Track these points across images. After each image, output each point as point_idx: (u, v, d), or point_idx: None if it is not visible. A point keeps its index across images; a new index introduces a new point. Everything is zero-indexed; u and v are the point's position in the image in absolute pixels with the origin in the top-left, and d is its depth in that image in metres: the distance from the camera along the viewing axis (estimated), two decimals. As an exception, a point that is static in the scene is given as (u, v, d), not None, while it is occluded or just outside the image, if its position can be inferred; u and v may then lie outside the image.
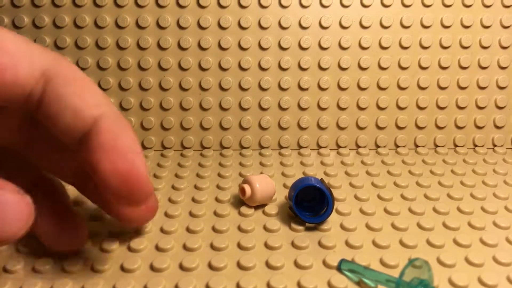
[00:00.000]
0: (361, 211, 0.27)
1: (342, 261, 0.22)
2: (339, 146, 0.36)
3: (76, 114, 0.17)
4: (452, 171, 0.32)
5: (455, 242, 0.24)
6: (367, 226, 0.25)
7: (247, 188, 0.26)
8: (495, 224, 0.26)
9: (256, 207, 0.27)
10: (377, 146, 0.36)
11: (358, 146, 0.36)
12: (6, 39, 0.16)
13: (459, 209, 0.27)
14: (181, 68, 0.35)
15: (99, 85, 0.35)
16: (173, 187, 0.30)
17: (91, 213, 0.26)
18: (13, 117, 0.19)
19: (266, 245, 0.24)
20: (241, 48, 0.35)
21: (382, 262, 0.22)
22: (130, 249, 0.23)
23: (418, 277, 0.19)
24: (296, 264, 0.22)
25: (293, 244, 0.24)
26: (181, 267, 0.22)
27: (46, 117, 0.17)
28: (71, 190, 0.23)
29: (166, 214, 0.26)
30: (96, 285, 0.21)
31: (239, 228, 0.25)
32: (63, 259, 0.22)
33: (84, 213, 0.26)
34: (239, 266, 0.22)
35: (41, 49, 0.17)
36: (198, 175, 0.32)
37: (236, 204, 0.27)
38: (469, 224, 0.26)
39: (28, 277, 0.21)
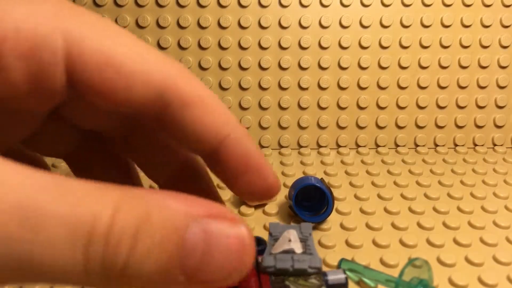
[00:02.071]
0: (361, 210, 0.27)
1: (342, 260, 0.22)
2: (339, 146, 0.36)
3: (200, 139, 0.15)
4: (452, 171, 0.32)
5: (455, 241, 0.24)
6: (367, 226, 0.25)
7: (247, 187, 0.26)
8: (495, 223, 0.26)
9: (256, 207, 0.27)
10: (377, 146, 0.36)
11: (358, 146, 0.36)
12: (123, 52, 0.14)
13: (459, 209, 0.27)
14: (181, 67, 0.35)
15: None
16: (173, 187, 0.30)
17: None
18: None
19: (266, 245, 0.24)
20: (241, 48, 0.35)
21: (382, 262, 0.22)
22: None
23: (418, 276, 0.19)
24: (296, 263, 0.22)
25: (293, 244, 0.24)
26: (181, 266, 0.22)
27: (168, 136, 0.16)
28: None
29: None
30: (96, 285, 0.21)
31: (239, 228, 0.25)
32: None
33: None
34: (239, 265, 0.22)
35: (162, 59, 0.15)
36: (198, 175, 0.31)
37: (236, 203, 0.27)
38: (469, 224, 0.26)
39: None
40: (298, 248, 0.20)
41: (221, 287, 0.12)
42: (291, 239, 0.20)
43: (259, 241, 0.22)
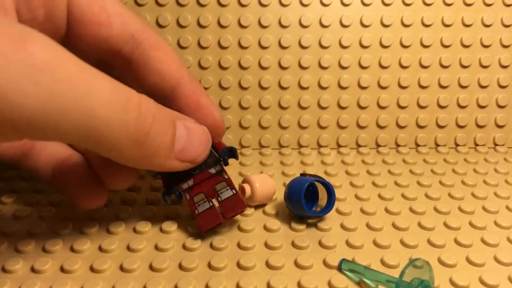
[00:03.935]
0: (362, 210, 0.27)
1: (343, 261, 0.22)
2: (339, 145, 0.36)
3: (162, 77, 0.21)
4: (453, 171, 0.32)
5: (456, 241, 0.24)
6: (368, 226, 0.25)
7: (247, 187, 0.26)
8: (496, 223, 0.26)
9: (256, 207, 0.27)
10: (378, 145, 0.36)
11: (358, 145, 0.36)
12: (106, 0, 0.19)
13: (460, 209, 0.27)
14: (181, 67, 0.35)
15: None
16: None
17: (91, 213, 0.26)
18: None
19: (266, 245, 0.24)
20: (241, 47, 0.35)
21: (382, 262, 0.22)
22: (129, 249, 0.23)
23: (419, 277, 0.19)
24: (297, 264, 0.22)
25: (293, 244, 0.24)
26: (181, 267, 0.22)
27: (134, 75, 0.21)
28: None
29: (165, 215, 0.26)
30: (95, 285, 0.20)
31: (239, 228, 0.25)
32: (63, 259, 0.22)
33: (84, 213, 0.26)
34: (239, 266, 0.22)
35: (133, 14, 0.20)
36: (198, 175, 0.31)
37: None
38: (470, 224, 0.26)
39: (27, 277, 0.21)
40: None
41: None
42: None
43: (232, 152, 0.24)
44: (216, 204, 0.24)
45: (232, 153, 0.23)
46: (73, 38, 0.19)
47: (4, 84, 0.13)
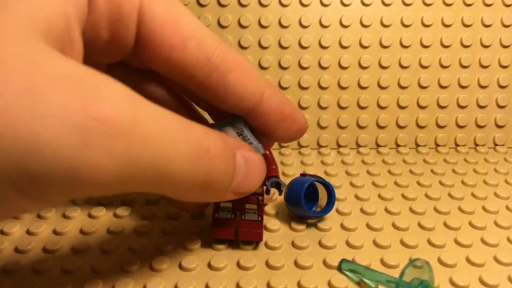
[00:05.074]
0: (362, 210, 0.27)
1: (343, 261, 0.22)
2: (339, 145, 0.36)
3: (242, 99, 0.20)
4: (453, 171, 0.32)
5: (456, 242, 0.24)
6: (368, 226, 0.25)
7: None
8: (496, 223, 0.26)
9: (256, 207, 0.27)
10: (378, 146, 0.36)
11: (358, 146, 0.36)
12: (183, 19, 0.18)
13: (460, 209, 0.27)
14: (181, 67, 0.35)
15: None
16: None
17: (91, 212, 0.26)
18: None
19: (266, 245, 0.24)
20: (241, 47, 0.35)
21: (382, 262, 0.22)
22: (129, 249, 0.23)
23: (419, 277, 0.19)
24: (296, 264, 0.22)
25: (293, 244, 0.24)
26: (181, 267, 0.22)
27: (210, 98, 0.20)
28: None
29: (165, 215, 0.26)
30: (95, 285, 0.20)
31: (239, 228, 0.25)
32: (63, 259, 0.22)
33: (85, 214, 0.26)
34: (239, 266, 0.22)
35: (209, 32, 0.19)
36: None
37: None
38: (470, 224, 0.26)
39: (27, 277, 0.21)
40: None
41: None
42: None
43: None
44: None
45: (278, 186, 0.23)
46: (140, 58, 0.18)
47: (78, 162, 0.12)
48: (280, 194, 0.23)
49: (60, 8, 0.14)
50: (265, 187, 0.22)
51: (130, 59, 0.19)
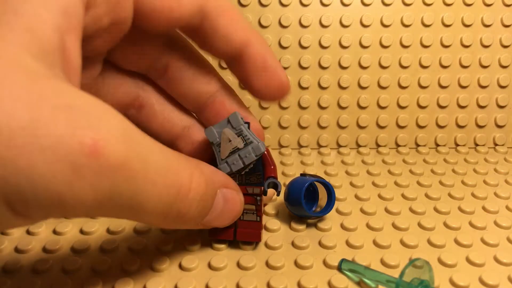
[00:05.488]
0: (362, 210, 0.27)
1: (343, 261, 0.22)
2: (339, 145, 0.36)
3: (228, 42, 0.20)
4: (453, 171, 0.32)
5: (456, 242, 0.24)
6: (368, 226, 0.25)
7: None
8: (496, 223, 0.26)
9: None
10: (378, 145, 0.36)
11: (358, 145, 0.36)
12: None
13: (460, 209, 0.27)
14: (181, 67, 0.35)
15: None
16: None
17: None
18: (156, 43, 0.21)
19: (266, 245, 0.24)
20: (241, 47, 0.35)
21: (382, 262, 0.22)
22: (129, 249, 0.23)
23: (419, 277, 0.19)
24: (296, 264, 0.22)
25: (293, 244, 0.24)
26: (181, 267, 0.22)
27: (201, 43, 0.21)
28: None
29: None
30: (95, 285, 0.20)
31: (239, 228, 0.25)
32: (63, 259, 0.22)
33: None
34: (239, 266, 0.22)
35: None
36: (198, 175, 0.31)
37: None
38: (470, 224, 0.26)
39: (27, 277, 0.21)
40: (239, 143, 0.21)
41: None
42: (230, 138, 0.21)
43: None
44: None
45: (275, 187, 0.23)
46: (141, 27, 0.19)
47: (66, 194, 0.13)
48: (278, 195, 0.23)
49: (52, 25, 0.14)
50: (262, 188, 0.22)
51: (131, 33, 0.19)
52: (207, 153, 0.22)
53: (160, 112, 0.22)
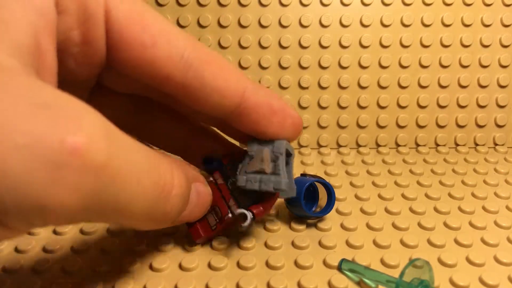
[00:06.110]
0: (362, 210, 0.27)
1: (343, 261, 0.22)
2: (339, 145, 0.36)
3: (223, 96, 0.19)
4: (453, 170, 0.32)
5: (456, 241, 0.24)
6: (368, 226, 0.25)
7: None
8: (496, 223, 0.26)
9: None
10: (378, 145, 0.36)
11: (358, 145, 0.36)
12: (150, 17, 0.17)
13: (460, 209, 0.27)
14: (180, 67, 0.35)
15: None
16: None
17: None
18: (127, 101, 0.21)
19: (266, 245, 0.24)
20: (241, 47, 0.35)
21: (382, 262, 0.22)
22: (129, 249, 0.23)
23: (419, 277, 0.19)
24: (296, 264, 0.22)
25: (293, 244, 0.24)
26: (181, 267, 0.22)
27: (191, 101, 0.19)
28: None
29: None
30: (95, 285, 0.20)
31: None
32: (63, 259, 0.22)
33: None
34: (239, 266, 0.22)
35: (179, 30, 0.18)
36: (198, 175, 0.31)
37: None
38: (470, 224, 0.26)
39: (27, 277, 0.21)
40: (268, 168, 0.20)
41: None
42: (263, 159, 0.20)
43: (211, 160, 0.23)
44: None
45: (243, 218, 0.21)
46: (115, 62, 0.17)
47: (46, 198, 0.11)
48: (241, 227, 0.22)
49: (26, 22, 0.13)
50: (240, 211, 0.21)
51: (108, 68, 0.18)
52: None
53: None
